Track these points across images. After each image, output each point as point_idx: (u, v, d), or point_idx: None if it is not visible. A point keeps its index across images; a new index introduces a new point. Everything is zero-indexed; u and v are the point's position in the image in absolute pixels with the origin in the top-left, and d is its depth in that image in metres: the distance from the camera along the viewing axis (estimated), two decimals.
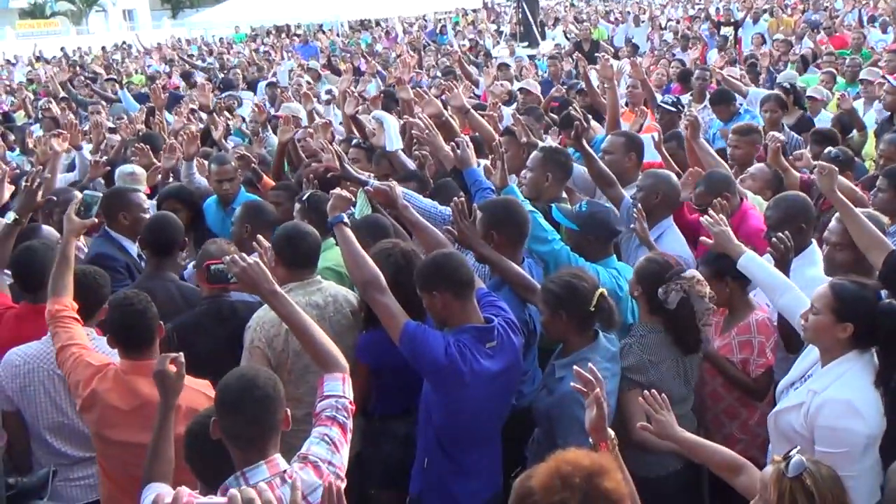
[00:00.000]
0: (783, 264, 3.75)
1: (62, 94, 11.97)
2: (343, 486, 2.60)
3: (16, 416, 3.76)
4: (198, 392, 3.28)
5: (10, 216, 4.25)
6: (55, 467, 3.66)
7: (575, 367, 2.81)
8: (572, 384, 2.80)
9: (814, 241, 4.21)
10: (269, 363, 3.59)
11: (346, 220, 3.61)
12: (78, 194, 4.81)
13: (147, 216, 4.85)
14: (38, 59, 23.35)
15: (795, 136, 7.06)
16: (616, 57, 13.34)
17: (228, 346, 3.75)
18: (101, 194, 4.03)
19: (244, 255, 3.02)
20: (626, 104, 8.35)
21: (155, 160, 6.44)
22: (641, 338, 3.64)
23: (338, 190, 3.79)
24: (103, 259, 4.52)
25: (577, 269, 3.72)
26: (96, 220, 4.01)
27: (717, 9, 22.08)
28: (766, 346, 3.81)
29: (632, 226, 4.51)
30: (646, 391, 3.04)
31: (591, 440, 2.71)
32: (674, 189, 4.71)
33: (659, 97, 8.21)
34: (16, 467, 3.80)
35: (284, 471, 2.52)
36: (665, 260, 3.75)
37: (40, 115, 10.64)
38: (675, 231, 4.60)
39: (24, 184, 4.41)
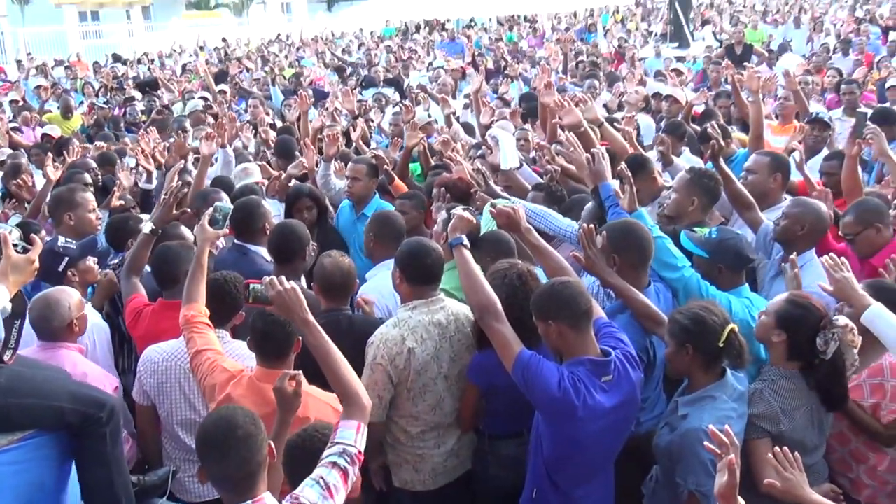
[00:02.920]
0: None
1: (216, 88, 12.54)
2: None
3: (150, 411, 3.96)
4: (326, 405, 3.35)
5: (148, 227, 4.45)
6: (179, 464, 3.87)
7: (711, 426, 2.70)
8: (706, 444, 2.69)
9: None
10: (391, 380, 3.65)
11: (466, 242, 3.59)
12: (223, 197, 5.03)
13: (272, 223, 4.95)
14: (201, 48, 24.61)
15: None
16: (770, 63, 12.77)
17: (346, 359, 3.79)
18: (231, 207, 4.15)
19: (283, 278, 3.00)
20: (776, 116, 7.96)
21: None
22: (773, 383, 3.44)
23: (459, 210, 3.79)
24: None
25: (707, 302, 3.56)
26: (228, 232, 4.14)
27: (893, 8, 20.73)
28: None
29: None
30: (776, 448, 2.89)
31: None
32: (822, 221, 4.43)
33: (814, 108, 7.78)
34: (146, 460, 4.02)
35: None
36: (810, 303, 3.48)
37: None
38: (816, 266, 4.31)
39: (162, 196, 4.61)
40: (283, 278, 3.00)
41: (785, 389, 3.39)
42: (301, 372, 3.05)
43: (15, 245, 2.94)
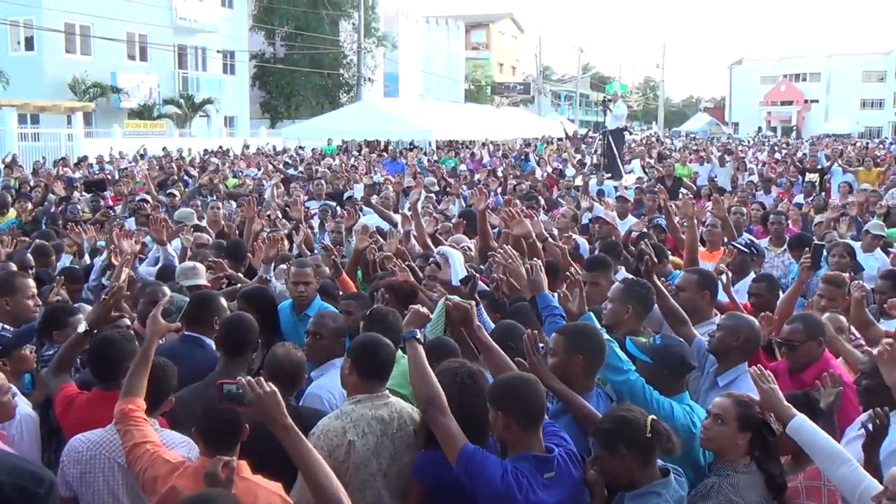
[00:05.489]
0: (875, 443, 3.64)
1: (158, 193, 12.54)
2: None
3: (72, 503, 3.76)
4: (275, 494, 3.30)
5: (82, 327, 4.33)
6: None
7: None
8: None
9: None
10: None
11: (419, 335, 3.66)
12: (167, 292, 4.97)
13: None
14: (142, 156, 24.66)
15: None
16: (697, 195, 13.38)
17: None
18: (186, 300, 4.10)
19: (262, 380, 3.01)
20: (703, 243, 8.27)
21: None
22: (730, 478, 3.55)
23: (416, 305, 3.84)
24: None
25: (621, 405, 3.69)
26: (180, 325, 4.07)
27: (805, 154, 22.13)
28: (837, 495, 3.59)
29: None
30: None
31: None
32: (755, 335, 4.63)
33: None
34: None
35: None
36: (752, 399, 3.73)
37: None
38: (748, 378, 4.47)
39: (103, 296, 4.53)
40: (262, 380, 3.04)
41: (742, 484, 3.52)
42: (235, 459, 2.99)
43: None
